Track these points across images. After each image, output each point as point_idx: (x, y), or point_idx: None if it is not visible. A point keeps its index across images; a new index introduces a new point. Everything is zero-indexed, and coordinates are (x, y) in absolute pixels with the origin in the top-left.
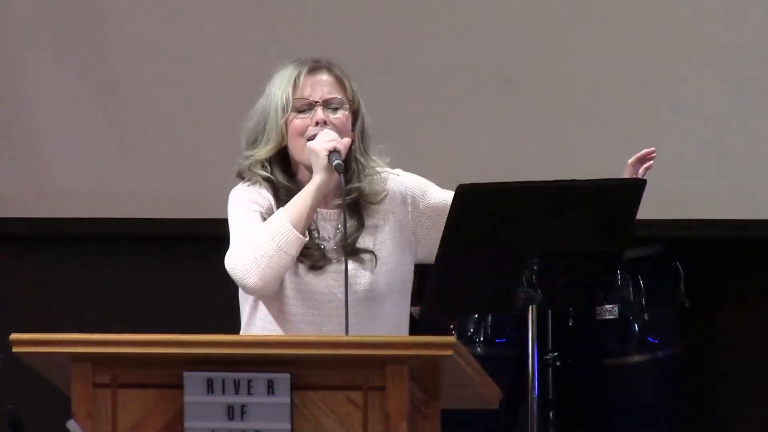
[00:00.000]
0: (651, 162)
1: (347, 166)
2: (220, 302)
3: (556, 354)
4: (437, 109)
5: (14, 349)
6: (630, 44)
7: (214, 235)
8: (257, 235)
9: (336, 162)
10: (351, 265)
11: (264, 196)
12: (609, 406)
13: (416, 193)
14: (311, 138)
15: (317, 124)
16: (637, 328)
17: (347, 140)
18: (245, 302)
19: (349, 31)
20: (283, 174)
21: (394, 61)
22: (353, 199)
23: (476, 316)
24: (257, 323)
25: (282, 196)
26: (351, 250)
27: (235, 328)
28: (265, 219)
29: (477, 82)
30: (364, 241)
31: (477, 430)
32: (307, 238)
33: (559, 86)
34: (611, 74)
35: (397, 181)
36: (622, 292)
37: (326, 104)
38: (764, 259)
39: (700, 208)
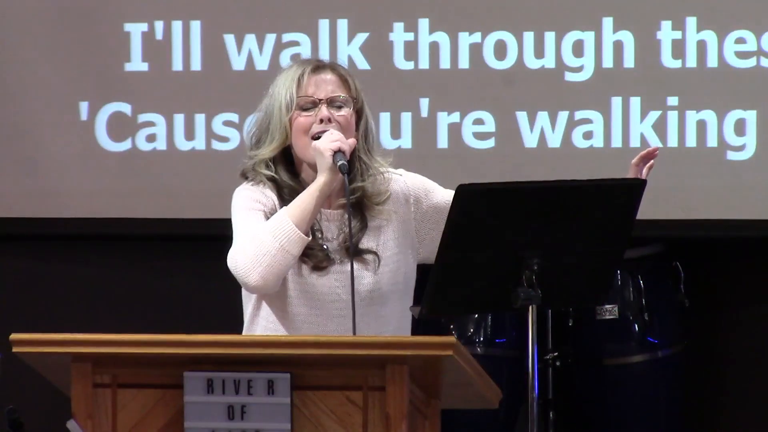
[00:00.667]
0: (653, 161)
1: (351, 166)
2: (220, 302)
3: (556, 354)
4: (438, 109)
5: (14, 349)
6: (630, 44)
7: (215, 235)
8: (260, 234)
9: (341, 162)
10: (354, 265)
11: (268, 195)
12: (609, 406)
13: (419, 194)
14: (316, 136)
15: (321, 121)
16: (637, 328)
17: (352, 141)
18: (248, 302)
19: (348, 29)
20: (287, 173)
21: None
22: (357, 199)
23: (476, 316)
24: (260, 323)
25: (286, 196)
26: (354, 251)
27: (236, 328)
28: (268, 218)
29: (477, 81)
30: (368, 242)
31: (477, 430)
32: (310, 238)
33: (559, 86)
34: (611, 74)
35: (400, 181)
36: (622, 292)
37: (330, 102)
38: (764, 259)
39: (700, 208)
